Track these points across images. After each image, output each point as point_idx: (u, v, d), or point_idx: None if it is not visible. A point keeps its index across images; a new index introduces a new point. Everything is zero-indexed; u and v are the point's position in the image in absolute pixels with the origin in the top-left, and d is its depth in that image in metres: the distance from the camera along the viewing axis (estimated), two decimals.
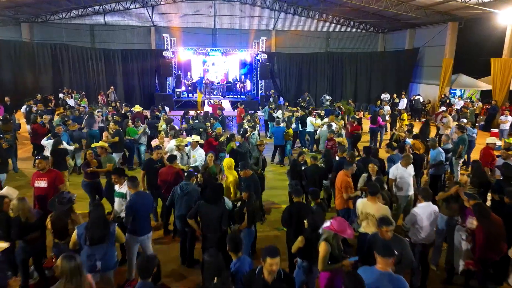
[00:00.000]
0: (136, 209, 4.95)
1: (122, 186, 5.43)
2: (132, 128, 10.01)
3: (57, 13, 24.52)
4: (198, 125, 10.61)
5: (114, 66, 20.92)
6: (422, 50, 22.27)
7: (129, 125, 10.20)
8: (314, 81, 22.58)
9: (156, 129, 11.33)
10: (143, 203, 5.07)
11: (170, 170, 6.32)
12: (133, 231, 5.05)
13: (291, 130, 11.67)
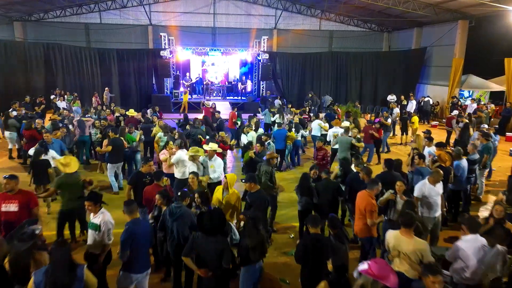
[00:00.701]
0: (134, 240, 4.13)
1: (96, 215, 4.49)
2: (129, 134, 9.14)
3: (51, 12, 23.69)
4: (196, 131, 9.78)
5: (109, 66, 20.06)
6: (430, 49, 21.43)
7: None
8: (318, 82, 21.73)
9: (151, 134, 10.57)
10: (141, 232, 4.24)
11: (155, 188, 5.42)
12: (129, 268, 4.21)
13: (293, 133, 10.95)
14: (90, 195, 4.68)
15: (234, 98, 22.83)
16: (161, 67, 20.04)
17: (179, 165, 7.10)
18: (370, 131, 11.05)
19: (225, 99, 22.57)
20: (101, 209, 4.50)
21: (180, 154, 7.14)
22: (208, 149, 7.09)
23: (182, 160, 7.10)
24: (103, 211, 4.51)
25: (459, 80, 19.04)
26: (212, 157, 7.05)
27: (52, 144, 8.27)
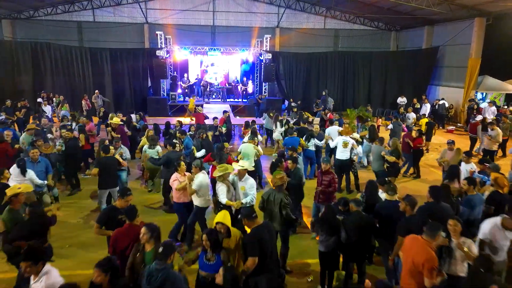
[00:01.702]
0: None
1: (37, 278, 3.24)
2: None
3: (42, 9, 22.43)
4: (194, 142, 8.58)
5: (102, 67, 18.81)
6: (442, 49, 20.20)
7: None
8: (324, 83, 20.48)
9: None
10: None
11: (130, 230, 4.09)
12: None
13: (302, 141, 9.81)
14: (27, 252, 3.30)
15: (234, 101, 21.61)
16: (157, 68, 18.80)
17: (201, 190, 5.96)
18: (406, 139, 10.02)
19: (225, 101, 21.34)
20: (45, 267, 3.24)
21: (202, 177, 5.98)
22: (240, 168, 5.86)
23: (206, 184, 6.01)
24: (48, 271, 3.26)
25: (476, 82, 17.83)
26: (243, 176, 5.87)
27: (35, 164, 6.81)
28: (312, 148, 9.57)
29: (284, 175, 5.30)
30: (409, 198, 4.58)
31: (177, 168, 6.18)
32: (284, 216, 4.95)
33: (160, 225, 4.05)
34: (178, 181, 6.06)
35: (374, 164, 8.49)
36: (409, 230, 4.18)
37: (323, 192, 6.30)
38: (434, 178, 10.11)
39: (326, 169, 6.39)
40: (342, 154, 8.86)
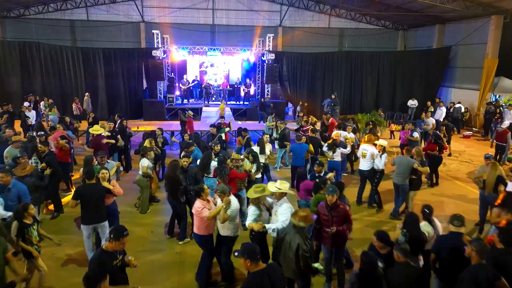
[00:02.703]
0: None
1: None
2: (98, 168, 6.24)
3: (33, 7, 21.36)
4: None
5: (94, 68, 17.69)
6: (455, 49, 19.13)
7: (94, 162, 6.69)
8: (329, 85, 19.38)
9: None
10: None
11: None
12: None
13: (311, 146, 8.94)
14: None
15: (236, 103, 20.52)
16: (153, 69, 17.71)
17: (232, 218, 4.99)
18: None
19: (226, 104, 20.21)
20: None
21: (234, 201, 5.03)
22: (276, 191, 4.84)
23: (237, 208, 5.10)
24: None
25: (492, 83, 16.76)
26: (280, 199, 4.85)
27: (7, 192, 5.33)
28: (338, 159, 8.50)
29: (309, 214, 4.14)
30: (479, 243, 3.50)
31: (200, 194, 5.11)
32: (301, 266, 3.86)
33: None
34: (207, 208, 5.00)
35: (398, 177, 7.43)
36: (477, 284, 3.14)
37: (336, 235, 4.68)
38: (460, 193, 9.04)
39: (332, 202, 4.70)
40: (362, 164, 8.05)
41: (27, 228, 4.61)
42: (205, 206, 5.02)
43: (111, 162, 7.00)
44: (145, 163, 7.44)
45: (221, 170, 6.47)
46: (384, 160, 7.64)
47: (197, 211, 4.99)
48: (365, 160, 7.88)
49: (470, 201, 8.41)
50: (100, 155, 6.80)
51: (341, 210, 4.74)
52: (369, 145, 7.89)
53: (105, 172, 5.60)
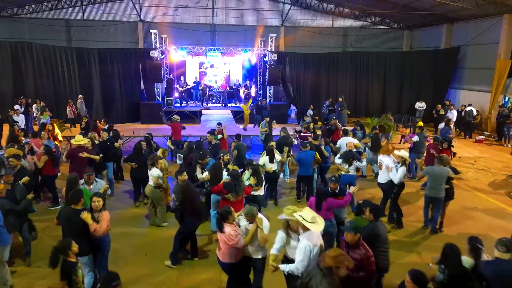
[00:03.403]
0: None
1: None
2: (84, 189, 5.52)
3: (26, 6, 20.66)
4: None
5: (89, 69, 16.95)
6: (464, 49, 18.43)
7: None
8: (334, 87, 18.66)
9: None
10: None
11: None
12: None
13: (317, 155, 8.22)
14: None
15: (236, 106, 19.78)
16: (150, 70, 16.97)
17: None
18: (431, 150, 8.60)
19: (225, 106, 19.53)
20: None
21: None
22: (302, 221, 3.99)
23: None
24: None
25: (504, 85, 16.06)
26: (304, 232, 4.09)
27: None
28: (353, 173, 7.61)
29: (342, 254, 3.41)
30: None
31: (226, 217, 4.41)
32: None
33: None
34: (237, 233, 4.35)
35: (433, 190, 6.76)
36: None
37: (351, 280, 3.64)
38: (484, 206, 8.31)
39: (353, 241, 3.79)
40: (379, 176, 7.39)
41: (73, 267, 3.81)
42: (238, 232, 4.37)
43: (100, 181, 6.14)
44: (155, 173, 6.84)
45: (235, 186, 5.70)
46: (401, 175, 6.82)
47: (231, 239, 4.28)
48: (381, 172, 7.20)
49: (496, 216, 7.71)
50: (87, 172, 5.96)
51: (362, 254, 3.80)
52: (385, 156, 7.17)
53: (98, 201, 4.65)
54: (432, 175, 6.78)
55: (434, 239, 6.68)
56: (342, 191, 5.66)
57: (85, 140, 7.34)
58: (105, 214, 4.58)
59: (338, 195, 5.60)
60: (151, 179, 6.83)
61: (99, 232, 4.35)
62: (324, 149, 8.91)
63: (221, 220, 4.42)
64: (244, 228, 4.48)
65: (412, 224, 7.26)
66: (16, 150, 6.67)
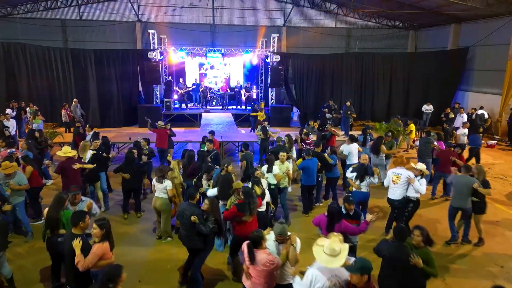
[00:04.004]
0: None
1: None
2: (68, 212, 4.81)
3: (21, 6, 20.07)
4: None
5: (85, 70, 16.36)
6: (472, 50, 17.84)
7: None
8: (338, 90, 18.06)
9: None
10: None
11: None
12: None
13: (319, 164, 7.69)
14: None
15: (237, 108, 19.21)
16: (148, 72, 16.37)
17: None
18: (451, 157, 8.22)
19: (226, 109, 18.96)
20: None
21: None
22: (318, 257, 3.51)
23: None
24: None
25: None
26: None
27: None
28: (365, 190, 6.82)
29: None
30: None
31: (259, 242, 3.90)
32: None
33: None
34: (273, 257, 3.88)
35: (457, 199, 6.41)
36: None
37: None
38: (505, 219, 7.73)
39: (361, 283, 3.24)
40: (392, 192, 6.63)
41: None
42: (274, 257, 3.90)
43: (86, 199, 5.32)
44: (170, 185, 6.43)
45: (249, 205, 5.08)
46: (425, 185, 6.37)
47: (269, 265, 3.80)
48: (397, 187, 6.49)
49: None
50: (73, 191, 5.10)
51: None
52: (401, 168, 6.57)
53: (95, 228, 3.99)
54: (455, 184, 6.45)
55: (459, 261, 6.12)
56: (356, 214, 5.05)
57: (73, 152, 6.70)
58: (96, 248, 3.92)
59: (353, 217, 5.00)
60: (162, 191, 6.41)
61: (80, 267, 3.74)
62: (329, 157, 8.34)
63: (253, 247, 3.89)
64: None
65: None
66: None
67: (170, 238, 6.68)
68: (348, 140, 9.34)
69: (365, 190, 6.76)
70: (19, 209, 6.26)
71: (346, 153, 9.01)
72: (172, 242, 6.54)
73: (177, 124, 17.35)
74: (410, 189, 6.43)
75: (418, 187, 6.30)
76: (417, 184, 6.30)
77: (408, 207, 6.50)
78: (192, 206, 4.99)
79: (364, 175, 6.68)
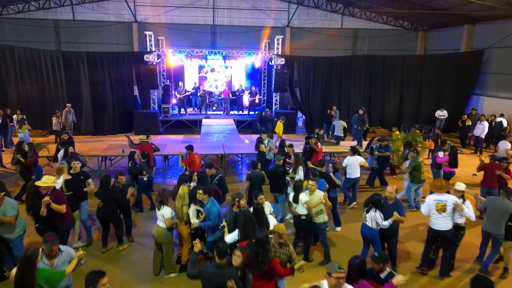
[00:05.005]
0: None
1: None
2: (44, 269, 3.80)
3: (11, 6, 19.06)
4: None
5: (78, 74, 15.37)
6: (487, 52, 16.88)
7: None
8: (346, 94, 17.09)
9: None
10: None
11: None
12: None
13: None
14: None
15: (239, 114, 18.23)
16: (145, 76, 15.37)
17: None
18: (497, 171, 7.54)
19: (228, 114, 17.97)
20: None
21: None
22: None
23: None
24: None
25: None
26: None
27: None
28: (371, 224, 5.59)
29: None
30: None
31: None
32: None
33: None
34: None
35: (489, 224, 5.69)
36: None
37: None
38: None
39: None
40: (437, 222, 5.61)
41: None
42: None
43: (66, 249, 4.16)
44: (168, 213, 5.47)
45: (262, 256, 4.03)
46: (472, 208, 5.63)
47: None
48: (444, 216, 5.52)
49: None
50: (48, 242, 3.91)
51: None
52: (443, 194, 5.59)
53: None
54: (490, 207, 5.73)
55: None
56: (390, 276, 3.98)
57: (52, 179, 5.59)
58: None
59: (377, 280, 3.95)
60: (162, 220, 5.48)
61: None
62: (335, 176, 7.36)
63: None
64: None
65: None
66: None
67: (173, 274, 5.71)
68: (350, 152, 8.57)
69: (370, 224, 5.56)
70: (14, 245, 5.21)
71: (344, 165, 8.28)
72: (178, 279, 5.52)
73: (176, 131, 16.45)
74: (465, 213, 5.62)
75: (468, 213, 5.51)
76: (467, 210, 5.51)
77: (459, 235, 5.71)
78: (224, 268, 3.80)
79: (371, 208, 5.54)
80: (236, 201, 5.20)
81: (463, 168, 11.60)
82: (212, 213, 5.25)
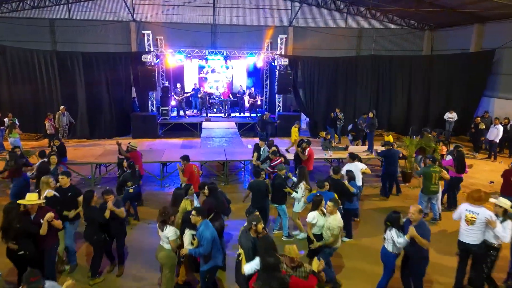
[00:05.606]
0: None
1: None
2: None
3: (5, 4, 18.46)
4: None
5: (73, 75, 14.75)
6: (498, 52, 16.26)
7: None
8: (352, 96, 16.47)
9: None
10: None
11: None
12: None
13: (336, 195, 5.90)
14: None
15: (241, 116, 17.61)
16: (143, 77, 14.73)
17: None
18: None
19: (229, 116, 17.35)
20: None
21: None
22: None
23: None
24: None
25: None
26: None
27: None
28: (388, 247, 4.90)
29: None
30: None
31: None
32: None
33: None
34: None
35: None
36: None
37: None
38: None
39: None
40: (465, 234, 5.07)
41: None
42: None
43: (50, 284, 3.54)
44: (172, 233, 4.84)
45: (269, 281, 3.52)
46: (510, 229, 4.85)
47: None
48: (472, 229, 4.97)
49: None
50: (32, 282, 3.27)
51: None
52: (479, 207, 4.98)
53: None
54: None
55: None
56: None
57: (40, 200, 4.92)
58: None
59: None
60: (165, 241, 4.88)
61: None
62: (349, 184, 6.78)
63: None
64: None
65: None
66: None
67: None
68: (349, 158, 7.90)
69: (386, 245, 4.89)
70: None
71: (343, 172, 7.43)
72: None
73: (175, 134, 15.85)
74: (487, 232, 4.96)
75: (500, 233, 4.81)
76: (500, 229, 4.82)
77: (491, 255, 5.02)
78: None
79: (389, 227, 4.85)
80: (253, 225, 4.48)
81: (478, 174, 11.01)
82: (205, 239, 4.52)
